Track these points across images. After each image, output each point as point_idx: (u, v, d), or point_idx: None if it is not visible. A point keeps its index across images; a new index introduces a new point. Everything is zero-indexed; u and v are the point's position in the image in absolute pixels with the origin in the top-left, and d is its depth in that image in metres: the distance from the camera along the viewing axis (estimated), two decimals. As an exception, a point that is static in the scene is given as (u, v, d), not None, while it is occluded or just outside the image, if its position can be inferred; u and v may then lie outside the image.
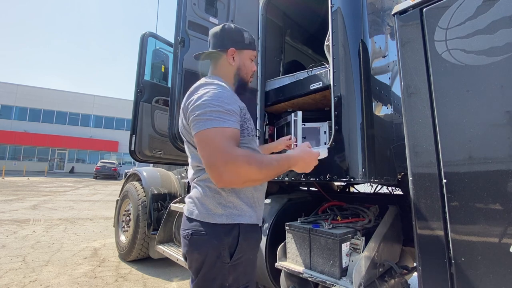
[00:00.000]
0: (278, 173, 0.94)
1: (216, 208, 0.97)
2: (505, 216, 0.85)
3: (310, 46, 3.40)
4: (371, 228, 1.60)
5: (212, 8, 2.09)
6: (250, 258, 1.00)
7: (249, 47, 1.15)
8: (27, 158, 27.15)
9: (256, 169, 0.85)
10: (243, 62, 1.14)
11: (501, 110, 0.89)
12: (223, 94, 0.96)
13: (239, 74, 1.13)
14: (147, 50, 3.12)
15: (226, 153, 0.83)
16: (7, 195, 8.86)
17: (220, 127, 0.88)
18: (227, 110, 0.92)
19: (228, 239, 0.94)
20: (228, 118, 0.91)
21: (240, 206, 1.00)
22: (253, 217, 1.03)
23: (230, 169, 0.83)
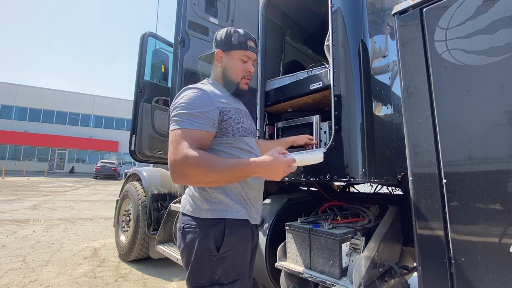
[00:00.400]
0: (235, 178, 0.95)
1: (202, 203, 1.03)
2: (505, 216, 0.85)
3: (310, 46, 3.40)
4: (371, 228, 1.60)
5: (212, 8, 2.09)
6: (239, 251, 1.02)
7: (238, 47, 1.14)
8: (27, 158, 27.15)
9: (206, 172, 0.90)
10: (230, 63, 1.15)
11: (501, 110, 0.89)
12: (199, 97, 1.02)
13: (226, 75, 1.16)
14: (147, 50, 3.12)
15: (179, 154, 0.91)
16: (7, 195, 8.86)
17: (186, 128, 0.96)
18: (199, 112, 0.98)
19: (215, 232, 0.98)
20: (197, 120, 0.98)
21: (226, 202, 1.03)
22: (240, 212, 1.05)
23: (179, 169, 0.90)
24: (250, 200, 1.11)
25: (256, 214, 1.15)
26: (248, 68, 1.18)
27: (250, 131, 1.17)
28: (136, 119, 2.94)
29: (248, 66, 1.18)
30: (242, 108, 1.21)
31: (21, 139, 26.21)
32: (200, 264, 0.97)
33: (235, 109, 1.11)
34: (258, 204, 1.18)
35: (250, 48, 1.16)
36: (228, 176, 0.92)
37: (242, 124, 1.11)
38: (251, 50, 1.17)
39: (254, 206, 1.13)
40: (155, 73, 3.28)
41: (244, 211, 1.06)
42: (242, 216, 1.05)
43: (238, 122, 1.09)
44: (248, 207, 1.10)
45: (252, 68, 1.19)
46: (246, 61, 1.17)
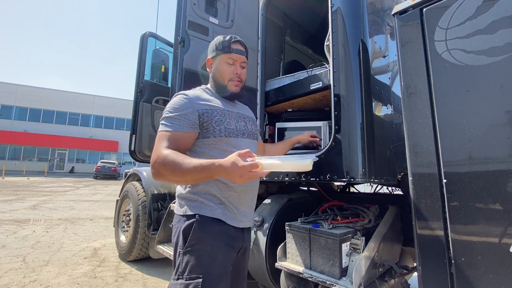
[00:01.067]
0: (200, 179, 0.97)
1: (182, 201, 1.10)
2: (505, 216, 0.85)
3: (310, 46, 3.40)
4: (371, 228, 1.60)
5: (212, 8, 2.09)
6: (207, 249, 1.00)
7: (222, 52, 1.19)
8: (27, 158, 27.15)
9: (169, 171, 0.94)
10: (217, 68, 1.21)
11: (501, 110, 0.89)
12: (179, 101, 1.09)
13: (215, 79, 1.22)
14: (147, 50, 3.12)
15: (154, 154, 0.99)
16: (7, 195, 8.86)
17: (164, 131, 1.04)
18: (177, 115, 1.06)
19: (185, 226, 1.02)
20: (175, 122, 1.05)
21: (201, 200, 1.06)
22: (215, 211, 1.05)
23: (153, 168, 0.98)
24: (232, 202, 1.10)
25: (243, 217, 1.13)
26: (235, 70, 1.20)
27: (239, 132, 1.17)
28: (136, 119, 2.94)
29: (233, 69, 1.20)
30: (236, 111, 1.22)
31: (21, 139, 26.20)
32: (175, 257, 1.02)
33: (221, 111, 1.15)
34: (246, 207, 1.16)
35: (234, 51, 1.19)
36: (190, 176, 0.93)
37: (227, 125, 1.13)
38: (236, 52, 1.19)
39: (238, 208, 1.11)
40: (155, 73, 3.28)
41: (219, 211, 1.06)
42: (215, 215, 1.05)
43: (220, 123, 1.11)
44: (229, 209, 1.09)
45: (239, 69, 1.21)
46: (232, 63, 1.20)
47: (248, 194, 1.17)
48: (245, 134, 1.20)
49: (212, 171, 0.91)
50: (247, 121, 1.26)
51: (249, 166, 0.88)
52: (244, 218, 1.14)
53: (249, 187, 1.17)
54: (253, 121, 1.32)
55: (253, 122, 1.32)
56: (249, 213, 1.18)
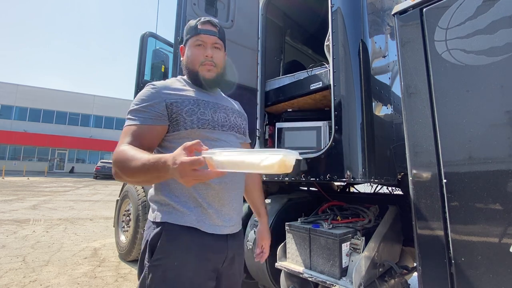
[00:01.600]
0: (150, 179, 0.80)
1: (152, 205, 0.97)
2: (505, 216, 0.85)
3: (310, 46, 3.40)
4: (371, 228, 1.60)
5: (212, 8, 2.09)
6: (174, 264, 0.85)
7: (190, 36, 1.07)
8: (27, 158, 27.15)
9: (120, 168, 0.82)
10: (187, 53, 1.08)
11: (501, 110, 0.89)
12: (146, 92, 0.98)
13: (187, 67, 1.09)
14: (147, 50, 3.12)
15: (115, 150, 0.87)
16: (7, 195, 8.86)
17: (127, 126, 0.93)
18: (142, 107, 0.94)
19: (153, 237, 0.88)
20: (139, 115, 0.93)
21: (172, 205, 0.91)
22: (186, 218, 0.89)
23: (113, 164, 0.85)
24: (211, 203, 0.93)
25: (225, 222, 0.96)
26: (204, 53, 1.04)
27: (217, 123, 1.01)
28: (136, 119, 2.93)
29: (203, 51, 1.04)
30: (213, 101, 1.06)
31: (21, 139, 26.20)
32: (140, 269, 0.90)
33: (194, 100, 1.00)
34: (229, 209, 0.98)
35: (201, 31, 1.04)
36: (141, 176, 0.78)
37: (200, 115, 0.97)
38: (204, 33, 1.04)
39: (219, 211, 0.95)
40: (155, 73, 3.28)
41: (193, 217, 0.90)
42: (187, 222, 0.89)
43: (192, 113, 0.97)
44: (206, 213, 0.92)
45: (209, 51, 1.04)
46: (201, 44, 1.05)
47: (230, 192, 0.99)
48: (226, 127, 1.03)
49: (160, 168, 0.73)
50: (229, 112, 1.09)
51: (189, 163, 0.65)
52: (228, 222, 0.97)
53: (231, 184, 0.99)
54: (238, 114, 1.14)
55: (239, 115, 1.14)
56: (234, 215, 1.00)
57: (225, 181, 0.97)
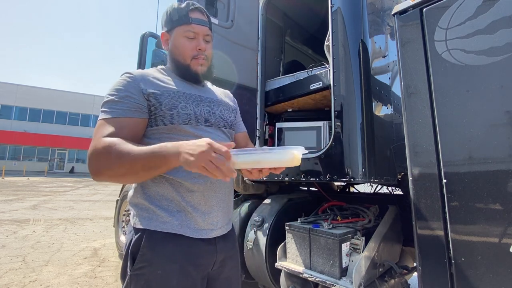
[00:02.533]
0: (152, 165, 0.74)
1: (132, 209, 0.89)
2: (505, 216, 0.85)
3: (310, 46, 3.40)
4: (371, 228, 1.60)
5: (212, 8, 2.09)
6: (158, 273, 0.80)
7: (179, 23, 0.96)
8: (27, 158, 27.15)
9: (116, 159, 0.73)
10: (175, 43, 0.97)
11: (501, 110, 0.89)
12: (122, 82, 0.88)
13: (173, 58, 1.00)
14: (147, 50, 3.12)
15: (93, 144, 0.77)
16: (7, 195, 8.86)
17: (104, 118, 0.82)
18: (119, 98, 0.84)
19: (134, 243, 0.82)
20: (116, 106, 0.83)
21: (152, 209, 0.85)
22: (170, 224, 0.83)
23: (93, 161, 0.76)
24: (196, 207, 0.87)
25: (213, 225, 0.90)
26: (197, 45, 0.96)
27: (200, 118, 0.93)
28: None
29: (196, 43, 0.96)
30: (197, 94, 0.99)
31: (21, 139, 26.21)
32: (123, 276, 0.85)
33: (174, 92, 0.92)
34: (217, 210, 0.92)
35: (194, 21, 0.95)
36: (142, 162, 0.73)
37: (181, 109, 0.90)
38: (196, 23, 0.96)
39: (207, 213, 0.89)
40: (155, 73, 3.28)
41: (175, 222, 0.84)
42: (169, 228, 0.83)
43: (173, 107, 0.89)
44: (191, 217, 0.86)
45: (202, 44, 0.97)
46: (193, 37, 0.96)
47: (218, 192, 0.93)
48: (209, 122, 0.95)
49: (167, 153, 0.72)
50: (214, 106, 1.00)
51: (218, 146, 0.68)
52: (215, 225, 0.91)
53: (217, 183, 0.92)
54: (225, 106, 1.05)
55: (226, 108, 1.05)
56: (222, 216, 0.94)
57: (211, 181, 0.90)
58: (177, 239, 0.84)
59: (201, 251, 0.87)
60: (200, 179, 0.88)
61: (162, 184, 0.86)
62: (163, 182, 0.86)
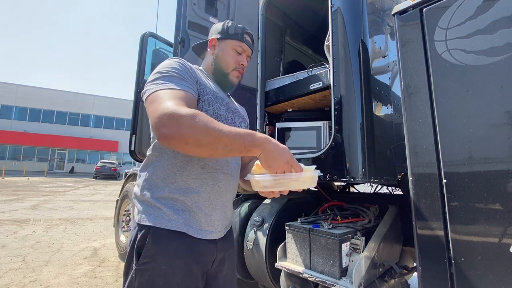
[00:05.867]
0: (234, 146, 0.74)
1: (138, 206, 0.91)
2: (505, 216, 0.85)
3: (310, 46, 3.40)
4: (371, 228, 1.60)
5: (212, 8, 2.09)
6: (162, 269, 0.82)
7: (233, 37, 1.08)
8: (27, 158, 27.15)
9: (202, 127, 0.71)
10: (223, 52, 1.08)
11: (501, 110, 0.89)
12: (179, 64, 0.91)
13: (216, 63, 1.08)
14: (147, 50, 3.12)
15: (171, 107, 0.74)
16: (7, 195, 8.86)
17: (170, 88, 0.81)
18: (181, 76, 0.87)
19: (139, 239, 0.84)
20: (180, 82, 0.85)
21: (158, 206, 0.87)
22: (175, 222, 0.85)
23: (171, 122, 0.72)
24: (201, 208, 0.90)
25: (214, 227, 0.93)
26: (241, 60, 1.09)
27: (226, 122, 0.98)
28: (136, 119, 2.94)
29: (241, 59, 1.09)
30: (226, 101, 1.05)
31: (21, 139, 26.20)
32: (126, 271, 0.86)
33: (212, 92, 0.98)
34: (219, 214, 0.94)
35: (246, 41, 1.10)
36: (225, 139, 0.72)
37: (216, 108, 0.95)
38: (247, 44, 1.10)
39: (209, 215, 0.91)
40: (155, 73, 3.28)
41: (180, 220, 0.86)
42: (174, 226, 0.85)
43: (210, 104, 0.94)
44: (195, 217, 0.88)
45: (245, 62, 1.11)
46: (240, 53, 1.09)
47: (222, 197, 0.96)
48: None
49: (257, 140, 0.75)
50: (236, 116, 1.07)
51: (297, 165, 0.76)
52: (216, 228, 0.94)
53: (224, 188, 0.96)
54: (243, 119, 1.13)
55: (243, 121, 1.13)
56: (223, 220, 0.97)
57: (218, 185, 0.94)
58: (181, 236, 0.86)
59: (203, 249, 0.90)
60: (209, 181, 0.92)
61: (170, 183, 0.88)
62: (171, 181, 0.88)
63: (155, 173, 0.90)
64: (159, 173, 0.89)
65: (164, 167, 0.89)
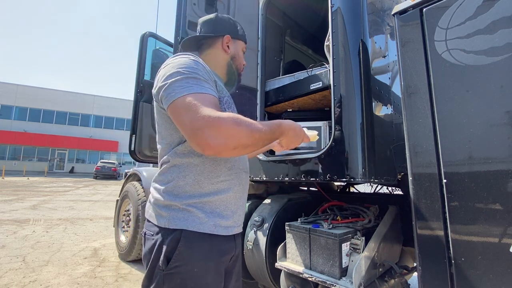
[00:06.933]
0: (270, 139, 0.84)
1: (161, 209, 0.88)
2: (505, 216, 0.85)
3: (310, 46, 3.40)
4: (371, 228, 1.60)
5: (212, 8, 2.09)
6: (195, 271, 0.82)
7: (242, 38, 1.12)
8: (27, 158, 27.15)
9: (247, 131, 0.76)
10: (238, 53, 1.09)
11: (501, 110, 0.89)
12: (197, 64, 0.88)
13: (234, 64, 1.08)
14: (147, 50, 3.12)
15: (211, 115, 0.73)
16: (7, 195, 8.85)
17: (199, 93, 0.79)
18: (203, 77, 0.85)
19: (169, 243, 0.83)
20: (205, 85, 0.83)
21: (188, 210, 0.85)
22: (206, 224, 0.86)
23: (217, 131, 0.72)
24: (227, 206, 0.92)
25: (235, 222, 0.97)
26: (244, 62, 1.14)
27: None
28: (136, 119, 2.94)
29: (243, 60, 1.14)
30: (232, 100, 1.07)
31: (21, 139, 26.21)
32: (150, 276, 0.84)
33: (226, 93, 0.99)
34: (241, 210, 1.00)
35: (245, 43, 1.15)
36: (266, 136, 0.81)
37: (233, 110, 0.99)
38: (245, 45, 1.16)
39: (235, 212, 0.95)
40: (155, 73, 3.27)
41: (210, 223, 0.87)
42: (206, 229, 0.85)
43: (229, 107, 0.95)
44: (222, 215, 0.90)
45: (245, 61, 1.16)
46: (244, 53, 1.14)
47: (245, 193, 1.02)
48: None
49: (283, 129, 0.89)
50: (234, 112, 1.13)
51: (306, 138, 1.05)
52: (238, 222, 0.99)
53: (245, 185, 1.03)
54: None
55: None
56: (242, 215, 1.03)
57: (242, 183, 0.99)
58: (212, 238, 0.87)
59: (228, 246, 0.93)
60: (236, 180, 0.96)
61: (200, 188, 0.88)
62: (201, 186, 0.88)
63: (181, 178, 0.87)
64: (187, 179, 0.87)
65: (192, 171, 0.88)
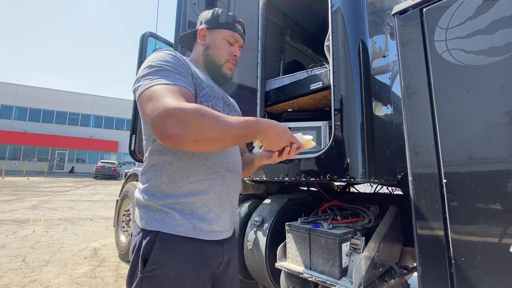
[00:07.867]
0: (243, 136, 0.75)
1: (141, 210, 0.85)
2: (505, 216, 0.85)
3: (310, 46, 3.40)
4: (371, 228, 1.60)
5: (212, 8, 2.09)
6: (171, 275, 0.78)
7: (225, 27, 1.02)
8: (27, 158, 27.15)
9: (211, 123, 0.69)
10: (215, 42, 1.02)
11: (501, 110, 0.89)
12: (173, 56, 0.86)
13: (208, 55, 1.02)
14: (147, 50, 3.12)
15: (172, 104, 0.69)
16: (7, 195, 8.86)
17: (167, 83, 0.76)
18: (176, 69, 0.82)
19: (145, 245, 0.80)
20: (176, 77, 0.80)
21: (165, 211, 0.81)
22: (183, 227, 0.81)
23: (177, 121, 0.67)
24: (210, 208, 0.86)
25: (223, 227, 0.90)
26: (234, 51, 1.04)
27: None
28: (136, 119, 2.95)
29: (233, 49, 1.04)
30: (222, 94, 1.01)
31: (21, 139, 26.21)
32: (131, 278, 0.82)
33: (209, 86, 0.94)
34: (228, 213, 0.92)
35: (238, 31, 1.04)
36: (236, 131, 0.72)
37: (215, 104, 0.91)
38: (239, 33, 1.05)
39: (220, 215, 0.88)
40: (155, 73, 3.27)
41: (188, 225, 0.82)
42: (181, 232, 0.81)
43: (208, 100, 0.89)
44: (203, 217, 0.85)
45: (238, 52, 1.05)
46: (233, 43, 1.04)
47: (230, 195, 0.93)
48: None
49: (260, 126, 0.77)
50: (231, 111, 1.02)
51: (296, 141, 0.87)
52: (225, 227, 0.91)
53: (231, 186, 0.94)
54: (237, 114, 1.09)
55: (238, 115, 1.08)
56: (231, 218, 0.95)
57: (227, 184, 0.91)
58: (189, 240, 0.82)
59: (211, 252, 0.86)
60: (219, 180, 0.89)
61: (177, 187, 0.83)
62: (178, 185, 0.84)
63: (158, 177, 0.84)
64: (163, 177, 0.83)
65: (168, 170, 0.84)
